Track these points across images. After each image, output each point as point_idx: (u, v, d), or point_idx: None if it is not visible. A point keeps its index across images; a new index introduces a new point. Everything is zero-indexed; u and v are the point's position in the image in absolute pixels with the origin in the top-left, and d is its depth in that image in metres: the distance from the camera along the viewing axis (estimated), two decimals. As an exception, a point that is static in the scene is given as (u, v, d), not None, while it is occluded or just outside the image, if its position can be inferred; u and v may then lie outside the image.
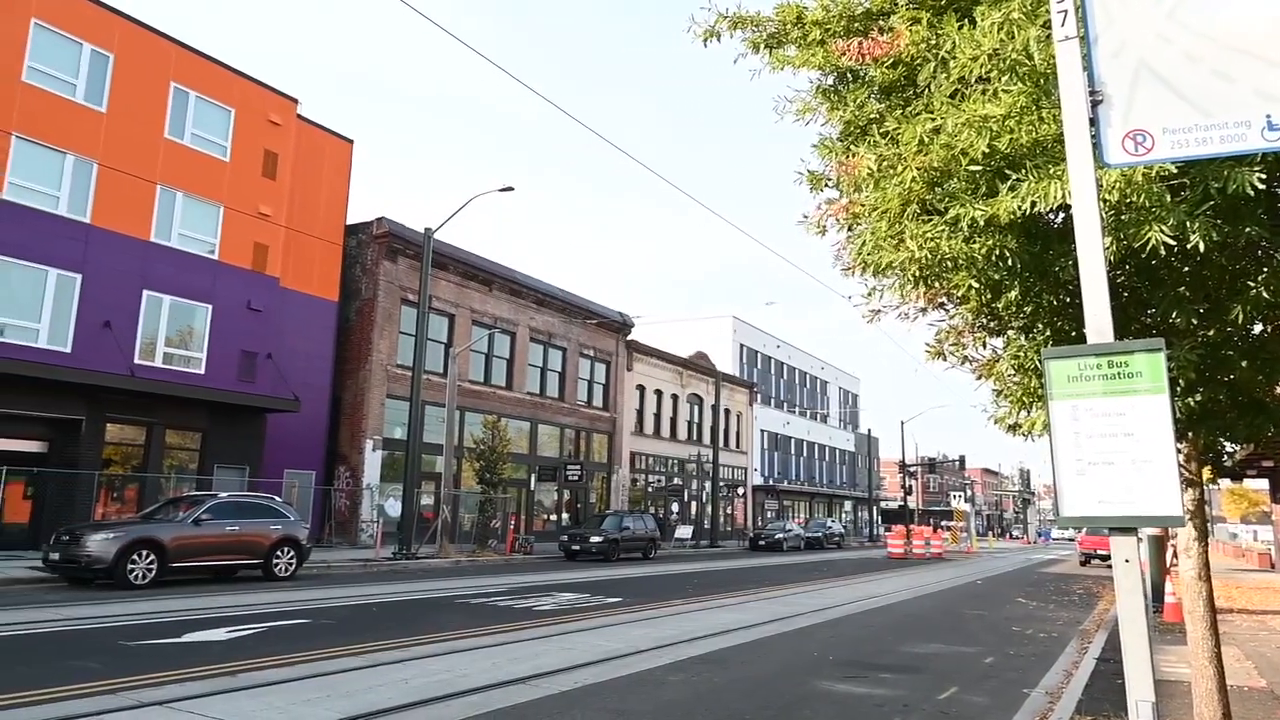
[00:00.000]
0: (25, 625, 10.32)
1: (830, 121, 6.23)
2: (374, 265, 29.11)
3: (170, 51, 23.05)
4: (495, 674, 8.10)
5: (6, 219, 19.53)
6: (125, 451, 22.52)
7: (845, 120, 5.80)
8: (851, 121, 5.74)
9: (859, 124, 5.69)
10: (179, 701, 6.55)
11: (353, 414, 28.41)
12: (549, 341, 36.83)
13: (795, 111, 6.08)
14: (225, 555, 16.47)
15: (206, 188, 23.64)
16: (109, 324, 21.18)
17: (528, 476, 34.10)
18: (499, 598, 14.94)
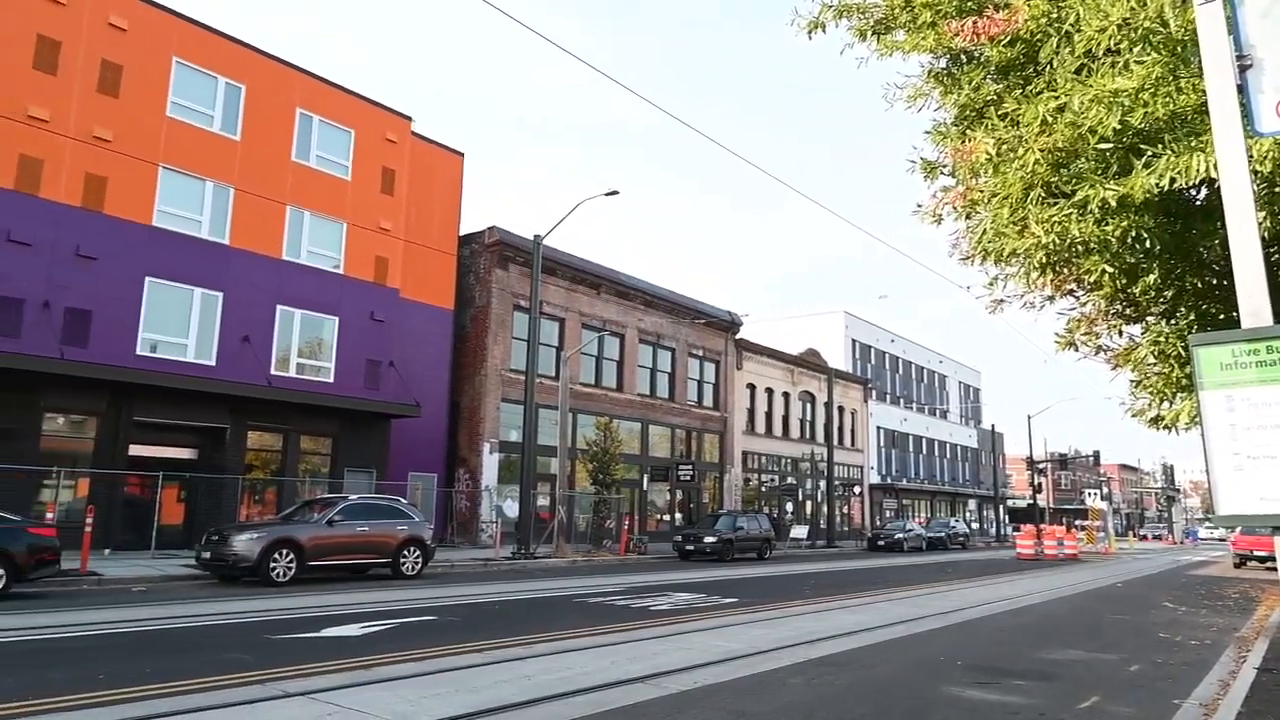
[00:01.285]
0: (183, 619, 11.14)
1: (943, 106, 6.00)
2: (486, 273, 29.98)
3: (295, 79, 24.42)
4: (614, 672, 8.19)
5: (157, 244, 21.15)
6: (265, 457, 23.99)
7: (960, 104, 5.57)
8: (967, 105, 5.52)
9: (975, 107, 5.46)
10: (320, 693, 6.91)
11: (470, 418, 29.34)
12: (658, 342, 37.00)
13: (906, 98, 5.88)
14: (357, 554, 17.30)
15: (331, 206, 24.93)
16: (248, 338, 22.62)
17: (640, 477, 34.35)
18: (615, 597, 15.10)
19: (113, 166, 20.42)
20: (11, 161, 18.92)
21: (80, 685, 6.93)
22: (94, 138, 20.14)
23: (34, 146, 19.21)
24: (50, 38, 19.64)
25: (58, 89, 19.69)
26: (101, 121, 20.32)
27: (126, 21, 20.95)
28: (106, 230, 20.26)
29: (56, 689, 6.77)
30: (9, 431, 18.67)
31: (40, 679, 7.18)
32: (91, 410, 20.19)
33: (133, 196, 20.82)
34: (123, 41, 20.85)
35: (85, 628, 10.20)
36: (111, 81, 20.60)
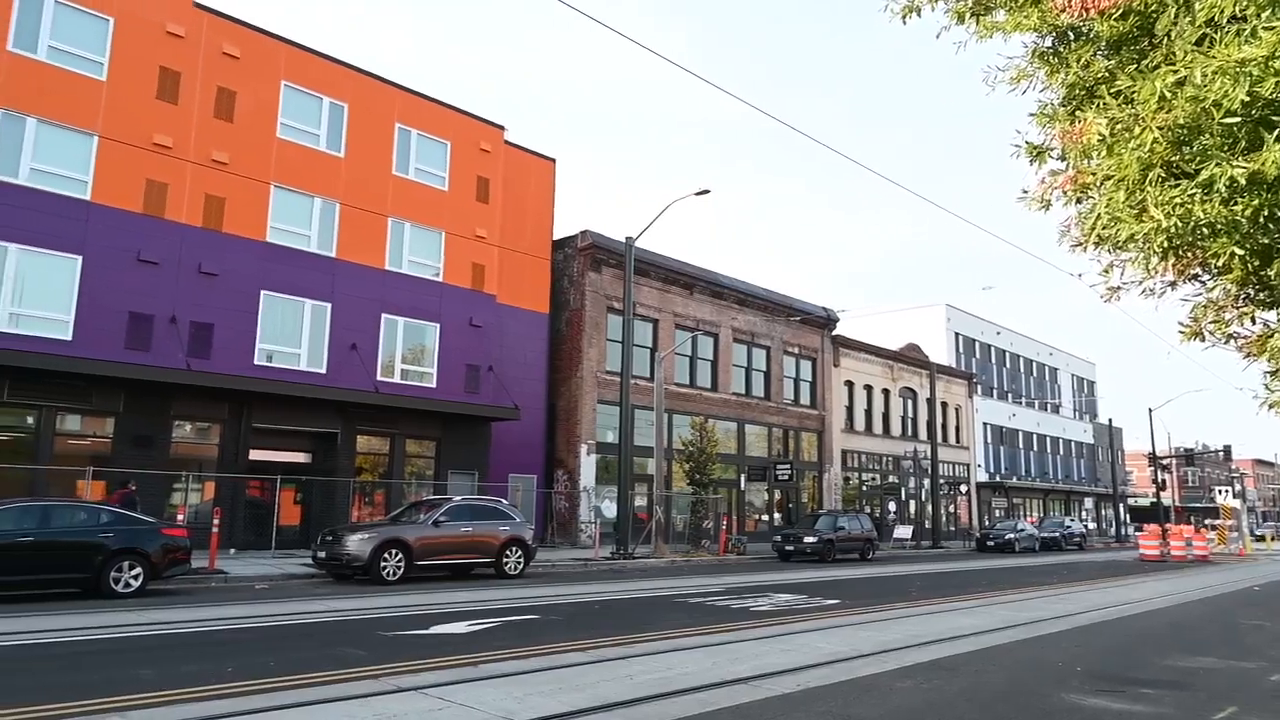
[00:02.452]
0: (302, 615, 11.69)
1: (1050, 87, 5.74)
2: (580, 277, 30.36)
3: (394, 95, 25.32)
4: (716, 673, 8.15)
5: (271, 259, 22.29)
6: (373, 460, 24.95)
7: (1068, 83, 5.32)
8: (1075, 84, 5.26)
9: (1084, 86, 5.20)
10: (430, 688, 7.13)
11: (567, 420, 29.76)
12: (752, 341, 36.70)
13: (1009, 80, 5.66)
14: (461, 554, 17.79)
15: (429, 216, 25.74)
16: (355, 346, 23.58)
17: (737, 477, 34.13)
18: (716, 598, 15.05)
19: (230, 187, 21.63)
20: (140, 186, 20.28)
21: (210, 678, 7.36)
22: (212, 161, 21.38)
23: (159, 171, 20.54)
24: (171, 69, 20.96)
25: (179, 116, 20.99)
26: (219, 145, 21.56)
27: (239, 49, 22.16)
28: (225, 247, 21.47)
29: (190, 680, 7.21)
30: (144, 438, 20.01)
31: (175, 671, 7.65)
32: (215, 418, 21.43)
33: (248, 215, 22.00)
34: (236, 69, 22.06)
35: (214, 623, 10.83)
36: (226, 107, 21.83)
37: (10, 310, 18.38)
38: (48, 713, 6.03)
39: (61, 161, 19.28)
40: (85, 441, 19.74)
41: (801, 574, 21.63)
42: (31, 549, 12.62)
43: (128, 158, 20.02)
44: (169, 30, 20.97)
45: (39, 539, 12.75)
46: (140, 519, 14.32)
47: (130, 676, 7.36)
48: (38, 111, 18.97)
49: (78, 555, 13.04)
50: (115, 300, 19.65)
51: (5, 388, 18.23)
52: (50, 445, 18.98)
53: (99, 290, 19.43)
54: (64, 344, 18.79)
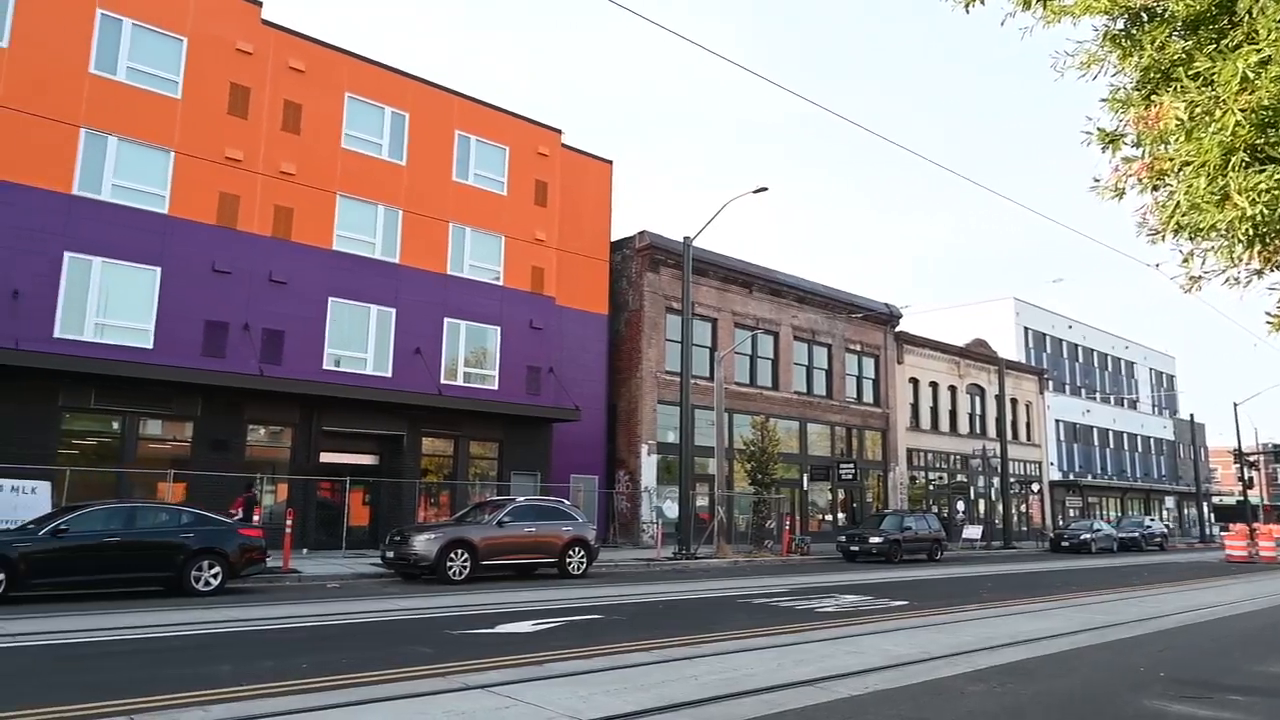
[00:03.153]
0: (372, 614, 11.96)
1: (1122, 70, 5.54)
2: (638, 277, 30.42)
3: (453, 103, 25.75)
4: (782, 675, 8.07)
5: (337, 267, 22.88)
6: (438, 461, 25.41)
7: (1142, 66, 5.12)
8: (1150, 67, 5.06)
9: (1160, 68, 5.01)
10: (497, 686, 7.22)
11: (628, 420, 29.85)
12: (813, 339, 36.29)
13: (1079, 65, 5.48)
14: (525, 554, 17.98)
15: (489, 221, 26.10)
16: (419, 350, 24.04)
17: (800, 476, 33.79)
18: (780, 598, 14.91)
19: (297, 198, 22.27)
20: (213, 199, 21.02)
21: (286, 673, 7.58)
22: (280, 172, 22.04)
23: (231, 184, 21.26)
24: (241, 85, 21.68)
25: (249, 130, 21.69)
26: (287, 157, 22.21)
27: (304, 63, 22.80)
28: (294, 256, 22.11)
29: (267, 676, 7.44)
30: (220, 442, 20.73)
31: (253, 667, 7.90)
32: (287, 421, 22.09)
33: (315, 224, 22.62)
34: (302, 82, 22.71)
35: (289, 621, 11.15)
36: (293, 120, 22.48)
37: (96, 321, 19.24)
38: (135, 706, 6.28)
39: (141, 177, 20.10)
40: (166, 445, 20.54)
41: (867, 575, 21.30)
42: (119, 549, 13.18)
43: (202, 172, 20.77)
44: (239, 48, 21.69)
45: (125, 539, 13.31)
46: (218, 519, 14.84)
47: (211, 672, 7.63)
48: (118, 130, 19.81)
49: (161, 555, 13.58)
50: (192, 309, 20.40)
51: (92, 395, 19.08)
52: (134, 449, 19.80)
53: (177, 300, 20.20)
54: (145, 352, 19.59)
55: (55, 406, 18.72)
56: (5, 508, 15.89)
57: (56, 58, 19.13)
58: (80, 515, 13.26)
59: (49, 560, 12.47)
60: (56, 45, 19.15)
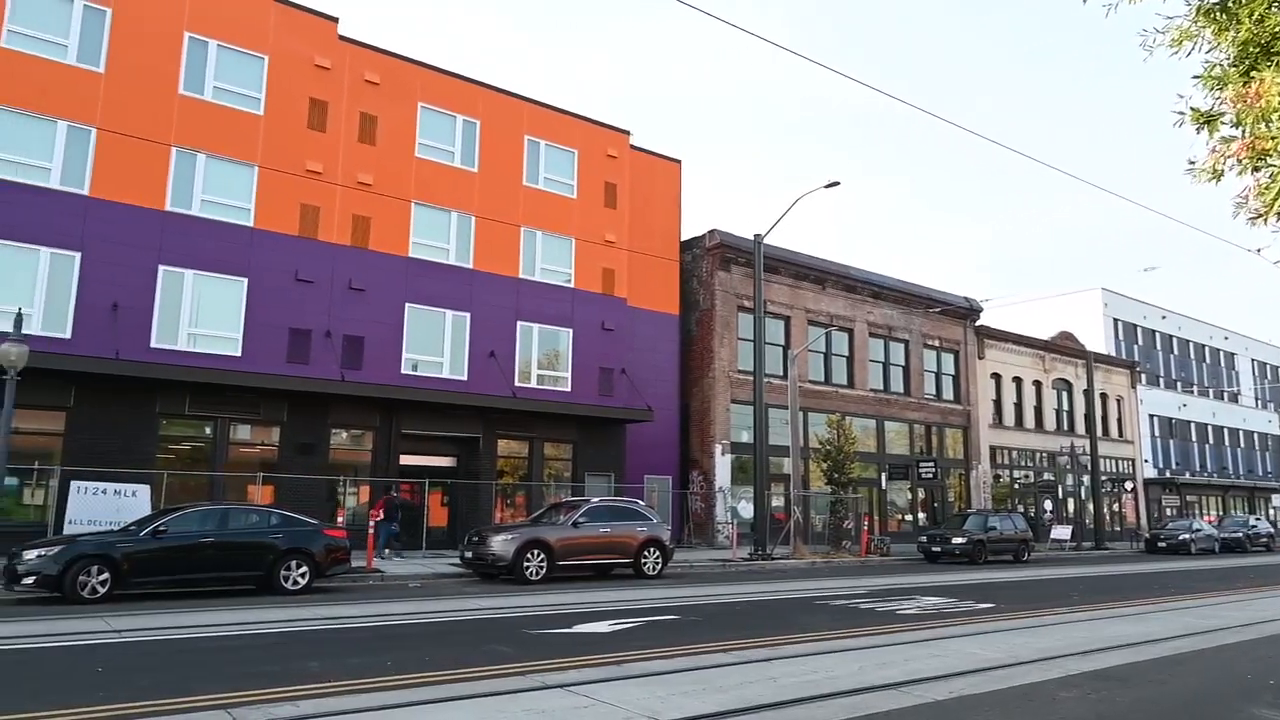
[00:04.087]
0: (452, 613, 12.18)
1: (1217, 46, 5.25)
2: (709, 276, 30.29)
3: (522, 108, 26.09)
4: (863, 677, 7.90)
5: (413, 273, 23.42)
6: (513, 463, 25.76)
7: (1239, 41, 4.84)
8: (1248, 41, 4.78)
9: (1259, 42, 4.72)
10: (575, 685, 7.26)
11: (700, 420, 29.74)
12: (889, 335, 35.54)
13: (1169, 42, 5.21)
14: (600, 555, 18.06)
15: (559, 224, 26.35)
16: (493, 353, 24.42)
17: (877, 476, 33.11)
18: (859, 600, 14.63)
19: (374, 207, 22.88)
20: (295, 211, 21.76)
21: (371, 670, 7.76)
22: (358, 183, 22.68)
23: (311, 196, 21.98)
24: (319, 99, 22.39)
25: (327, 143, 22.38)
26: (363, 168, 22.85)
27: (379, 76, 23.41)
28: (372, 264, 22.72)
29: (353, 673, 7.63)
30: (306, 446, 21.44)
31: (340, 663, 8.12)
32: (368, 425, 22.71)
33: (392, 232, 23.20)
34: (376, 94, 23.32)
35: (373, 619, 11.44)
36: (369, 131, 23.11)
37: (189, 331, 20.12)
38: (231, 700, 6.52)
39: (227, 192, 20.95)
40: (255, 449, 21.35)
41: (950, 576, 20.73)
42: (213, 549, 13.74)
43: (284, 185, 21.52)
44: (317, 63, 22.41)
45: (219, 540, 13.87)
46: (305, 520, 15.33)
47: (300, 668, 7.87)
48: (206, 147, 20.69)
49: (252, 555, 14.10)
50: (277, 317, 21.15)
51: (186, 401, 19.96)
52: (225, 453, 20.64)
53: (263, 309, 20.98)
54: (234, 360, 20.40)
55: (153, 413, 19.64)
56: (109, 510, 16.77)
57: (149, 81, 20.08)
58: (177, 517, 13.88)
59: (149, 560, 13.08)
60: (148, 69, 20.10)
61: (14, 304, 16.78)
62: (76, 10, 19.44)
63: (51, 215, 18.63)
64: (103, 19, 19.69)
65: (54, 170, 18.88)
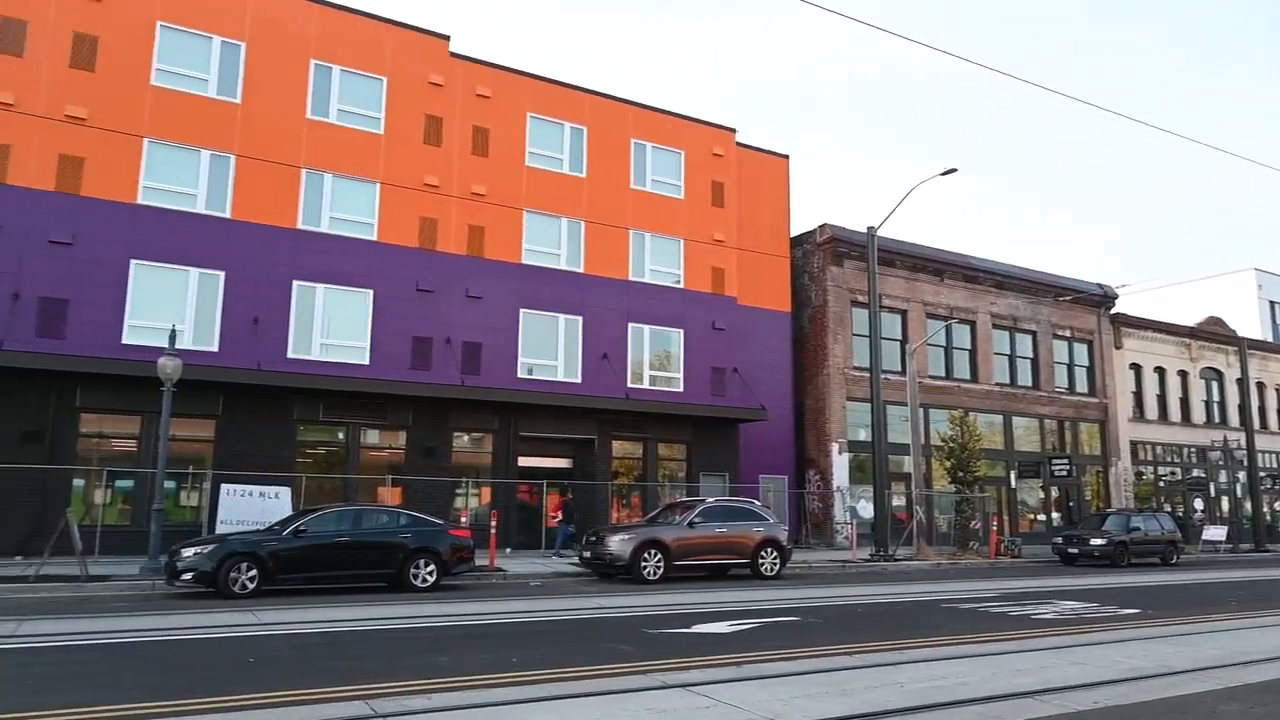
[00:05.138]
0: (572, 611, 12.38)
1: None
2: (821, 272, 29.71)
3: (628, 112, 26.31)
4: (997, 684, 7.53)
5: (527, 279, 23.97)
6: (627, 464, 25.98)
7: None
8: None
9: None
10: (696, 686, 7.22)
11: (815, 419, 29.19)
12: (1015, 326, 33.92)
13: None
14: (717, 555, 17.97)
15: (667, 225, 26.43)
16: (606, 356, 24.71)
17: (1006, 474, 31.65)
18: (990, 603, 13.99)
19: (488, 216, 23.56)
20: (414, 224, 22.65)
21: (498, 666, 7.96)
22: (472, 194, 23.41)
23: (429, 209, 22.83)
24: (434, 115, 23.24)
25: (443, 157, 23.21)
26: (477, 179, 23.56)
27: (489, 89, 24.10)
28: (487, 272, 23.40)
29: (481, 668, 7.85)
30: (429, 449, 22.28)
31: (468, 659, 8.37)
32: (487, 428, 23.38)
33: (505, 240, 23.83)
34: (488, 107, 24.02)
35: (498, 616, 11.74)
36: (482, 143, 23.82)
37: (321, 341, 21.26)
38: (370, 692, 6.81)
39: (352, 209, 22.02)
40: (383, 453, 22.34)
41: (1089, 579, 19.57)
42: (349, 548, 14.46)
43: (403, 199, 22.45)
44: (431, 81, 23.27)
45: (353, 539, 14.58)
46: (431, 520, 15.93)
47: (431, 662, 8.15)
48: (332, 167, 21.82)
49: (384, 554, 14.75)
50: (400, 326, 22.08)
51: (320, 408, 21.09)
52: (357, 456, 21.69)
53: (387, 318, 21.94)
54: (363, 368, 21.41)
55: (291, 419, 20.85)
56: (255, 510, 17.91)
57: (280, 108, 21.35)
58: (316, 517, 14.67)
59: (291, 558, 13.87)
60: (279, 96, 21.37)
61: (168, 321, 18.14)
62: (215, 47, 20.87)
63: (198, 238, 20.06)
64: (238, 53, 21.07)
65: (199, 196, 20.33)
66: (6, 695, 6.61)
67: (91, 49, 19.50)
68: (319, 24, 22.10)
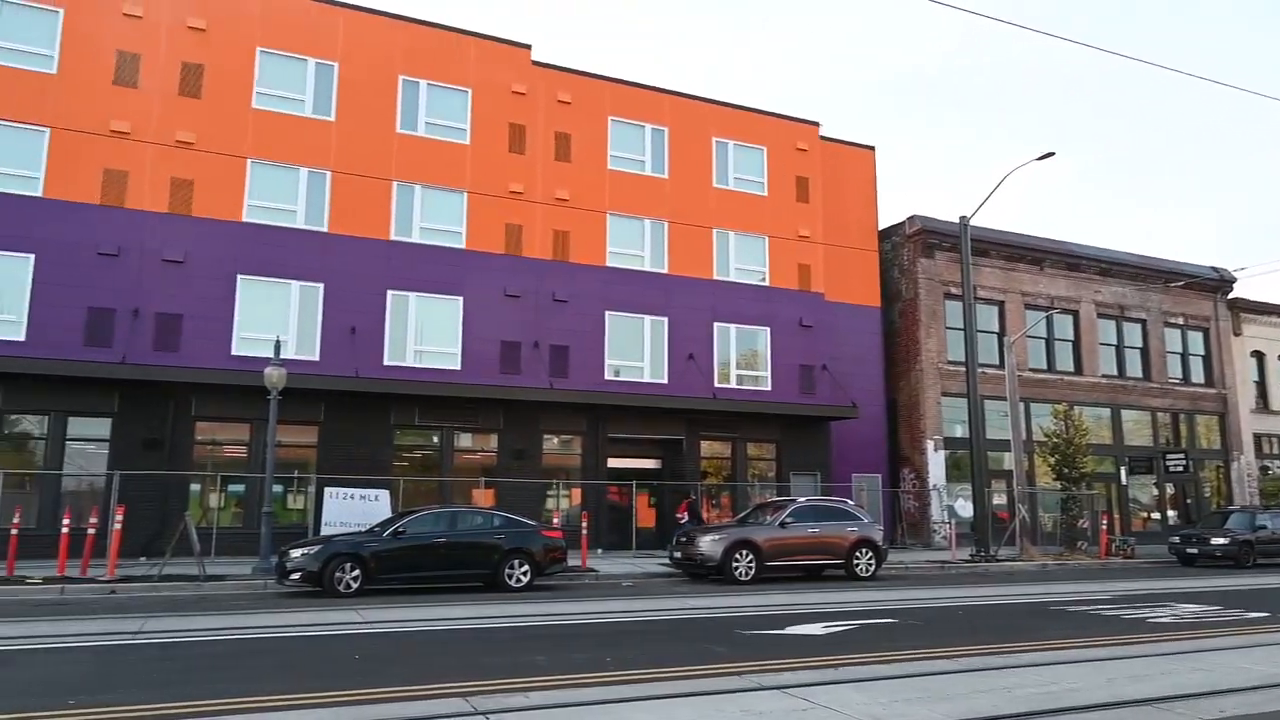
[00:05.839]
0: (664, 612, 12.37)
1: None
2: (911, 264, 28.95)
3: (708, 111, 26.20)
4: (1113, 691, 7.16)
5: (612, 281, 24.13)
6: (716, 464, 25.85)
7: None
8: None
9: None
10: (792, 688, 7.10)
11: (909, 415, 28.45)
12: (1121, 315, 32.31)
13: None
14: (809, 555, 17.69)
15: (751, 223, 26.19)
16: (692, 356, 24.66)
17: (1115, 470, 30.16)
18: (1102, 606, 13.34)
19: (572, 221, 23.84)
20: (501, 231, 23.09)
21: (593, 665, 8.02)
22: (556, 199, 23.72)
23: (515, 215, 23.24)
24: (517, 123, 23.66)
25: (526, 164, 23.59)
26: (560, 184, 23.87)
27: (570, 95, 24.38)
28: (573, 276, 23.67)
29: (576, 667, 7.92)
30: (520, 451, 22.67)
31: (564, 658, 8.46)
32: (575, 430, 23.64)
33: (589, 243, 24.06)
34: (569, 113, 24.30)
35: (591, 616, 11.84)
36: (564, 149, 24.11)
37: (415, 348, 21.89)
38: (469, 689, 6.95)
39: (441, 218, 22.61)
40: (476, 456, 22.85)
41: (1210, 581, 18.46)
42: (446, 548, 14.84)
43: (489, 207, 22.93)
44: (514, 90, 23.70)
45: (450, 540, 14.96)
46: (524, 521, 16.20)
47: (528, 661, 8.27)
48: (422, 179, 22.46)
49: (479, 554, 15.08)
50: (488, 331, 22.54)
51: (416, 413, 21.72)
52: (451, 459, 22.24)
53: (476, 324, 22.44)
54: (454, 373, 21.95)
55: (388, 424, 21.54)
56: (356, 513, 18.56)
57: (371, 123, 22.11)
58: (414, 519, 15.12)
59: (392, 558, 14.32)
60: (370, 113, 22.13)
61: (273, 332, 18.99)
62: (310, 68, 21.77)
63: (298, 252, 20.95)
64: (332, 73, 21.92)
65: (299, 211, 21.23)
66: (138, 688, 7.02)
67: (198, 77, 20.60)
68: (406, 40, 22.78)
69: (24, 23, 19.49)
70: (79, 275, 18.99)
